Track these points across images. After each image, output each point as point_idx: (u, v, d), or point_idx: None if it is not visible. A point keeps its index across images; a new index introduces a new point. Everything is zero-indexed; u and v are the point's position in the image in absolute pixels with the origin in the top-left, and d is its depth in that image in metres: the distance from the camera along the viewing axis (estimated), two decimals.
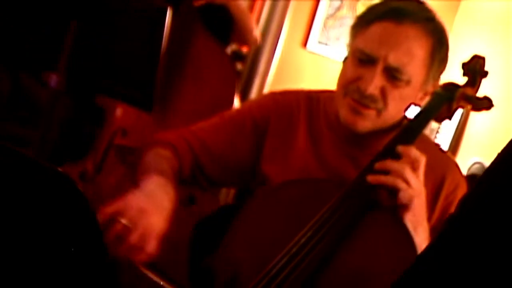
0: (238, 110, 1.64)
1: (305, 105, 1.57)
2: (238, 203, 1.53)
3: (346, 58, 1.48)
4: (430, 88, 1.46)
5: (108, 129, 2.23)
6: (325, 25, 3.91)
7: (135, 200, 1.27)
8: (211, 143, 1.55)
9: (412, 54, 1.38)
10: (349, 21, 3.80)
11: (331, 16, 3.91)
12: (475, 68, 1.47)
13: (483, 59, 1.48)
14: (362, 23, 1.44)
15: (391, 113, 1.43)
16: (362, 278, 1.26)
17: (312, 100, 1.58)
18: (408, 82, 1.40)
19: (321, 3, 3.89)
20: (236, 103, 2.25)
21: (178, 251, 1.61)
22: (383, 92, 1.40)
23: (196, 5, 2.25)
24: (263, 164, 1.54)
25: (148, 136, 2.18)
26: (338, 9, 3.90)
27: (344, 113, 1.43)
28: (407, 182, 1.29)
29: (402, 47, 1.38)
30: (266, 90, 3.51)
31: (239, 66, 3.27)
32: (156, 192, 1.32)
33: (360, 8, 3.81)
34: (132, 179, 1.48)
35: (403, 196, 1.29)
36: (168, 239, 1.30)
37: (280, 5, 3.23)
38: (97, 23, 1.66)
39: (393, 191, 1.30)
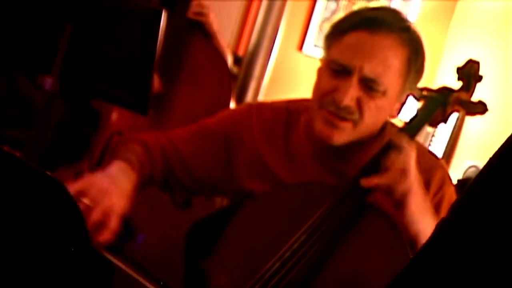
0: (213, 121, 1.60)
1: (283, 121, 1.54)
2: (233, 207, 1.53)
3: (319, 69, 1.46)
4: (405, 98, 1.45)
5: (104, 132, 2.23)
6: (321, 29, 3.91)
7: (96, 180, 1.29)
8: (184, 151, 1.53)
9: (387, 64, 1.36)
10: None
11: (327, 19, 3.91)
12: (470, 73, 1.47)
13: (477, 63, 1.48)
14: (336, 33, 1.42)
15: (367, 124, 1.40)
16: (355, 282, 1.26)
17: (291, 113, 1.55)
18: (384, 93, 1.38)
19: (317, 6, 3.89)
20: (232, 106, 2.26)
21: (172, 254, 1.61)
22: (359, 103, 1.37)
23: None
24: (245, 182, 1.52)
25: None
26: (334, 12, 3.90)
27: (319, 126, 1.41)
28: (404, 173, 1.29)
29: (377, 58, 1.36)
30: (262, 93, 3.51)
31: (235, 69, 3.27)
32: (117, 174, 1.35)
33: None
34: None
35: (400, 188, 1.28)
36: (163, 242, 1.30)
37: (276, 8, 3.23)
38: (91, 26, 1.66)
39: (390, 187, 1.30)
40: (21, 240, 0.92)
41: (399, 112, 1.47)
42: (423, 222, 1.29)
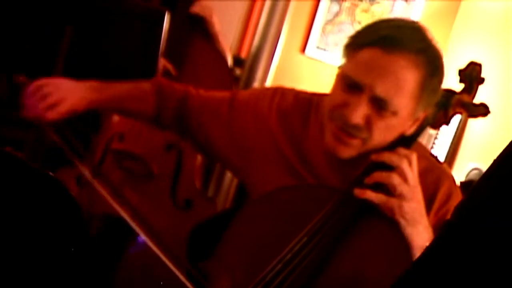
0: (220, 97, 1.65)
1: (304, 109, 1.56)
2: (235, 209, 1.53)
3: (337, 75, 1.42)
4: (421, 116, 1.41)
5: (105, 133, 2.23)
6: (323, 31, 3.91)
7: (60, 79, 1.53)
8: (206, 117, 1.60)
9: (400, 86, 1.33)
10: (348, 27, 3.81)
11: (329, 21, 3.91)
12: (472, 75, 1.47)
13: (479, 65, 1.48)
14: (353, 46, 1.39)
15: (377, 142, 1.38)
16: (357, 283, 1.26)
17: (312, 105, 1.55)
18: (394, 113, 1.35)
19: (319, 9, 3.89)
20: None
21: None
22: (368, 121, 1.35)
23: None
24: (256, 162, 1.55)
25: (145, 141, 2.18)
26: (337, 14, 3.90)
27: (328, 138, 1.40)
28: (404, 177, 1.29)
29: (390, 78, 1.32)
30: None
31: (237, 71, 3.27)
32: (82, 82, 1.55)
33: (359, 14, 3.82)
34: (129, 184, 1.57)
35: (401, 190, 1.28)
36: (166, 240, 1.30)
37: (279, 10, 3.23)
38: (94, 27, 1.66)
39: (389, 189, 1.30)
40: (23, 238, 0.92)
41: (412, 129, 1.42)
42: (418, 234, 1.29)
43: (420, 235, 1.28)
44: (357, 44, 1.38)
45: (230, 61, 2.41)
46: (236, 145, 1.57)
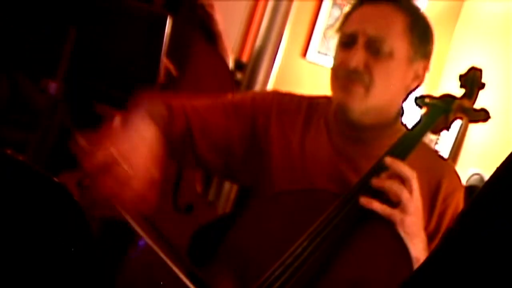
0: (241, 97, 1.64)
1: (304, 111, 1.59)
2: (236, 213, 1.53)
3: (335, 45, 1.54)
4: (420, 69, 1.50)
5: None
6: (325, 35, 3.92)
7: (125, 141, 1.23)
8: (207, 119, 1.55)
9: (389, 25, 1.46)
10: None
11: (331, 26, 3.92)
12: (472, 80, 1.48)
13: (480, 71, 1.49)
14: (344, 19, 1.53)
15: (380, 90, 1.45)
16: (358, 287, 1.26)
17: (312, 105, 1.60)
18: (391, 55, 1.44)
19: (321, 13, 3.90)
20: None
21: None
22: (367, 67, 1.44)
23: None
24: (273, 163, 1.54)
25: None
26: (338, 19, 3.91)
27: (336, 94, 1.50)
28: (411, 192, 1.30)
29: (379, 20, 1.46)
30: None
31: (238, 75, 3.28)
32: (148, 136, 1.30)
33: None
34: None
35: (406, 205, 1.29)
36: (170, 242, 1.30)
37: (280, 15, 3.24)
38: (96, 30, 1.67)
39: (391, 198, 1.30)
40: (25, 243, 0.92)
41: (415, 82, 1.51)
42: (415, 247, 1.29)
43: (416, 246, 1.30)
44: (347, 13, 1.53)
45: (232, 63, 2.42)
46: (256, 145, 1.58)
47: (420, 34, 1.49)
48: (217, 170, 1.65)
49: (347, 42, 1.47)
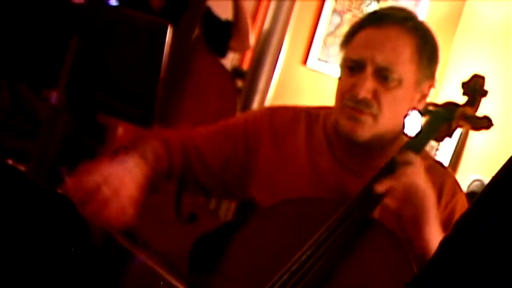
0: (234, 121, 1.65)
1: (305, 121, 1.58)
2: (238, 221, 1.52)
3: (339, 76, 1.50)
4: (426, 89, 1.47)
5: (110, 146, 2.23)
6: (325, 43, 3.92)
7: (113, 170, 1.33)
8: (203, 148, 1.57)
9: (397, 52, 1.41)
10: None
11: (331, 33, 3.92)
12: (475, 88, 1.48)
13: (483, 78, 1.49)
14: (348, 36, 1.48)
15: (388, 118, 1.43)
16: None
17: (311, 116, 1.58)
18: (400, 82, 1.41)
19: (321, 21, 3.91)
20: None
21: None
22: (376, 95, 1.41)
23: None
24: (251, 185, 1.55)
25: None
26: (338, 26, 3.92)
27: (342, 122, 1.45)
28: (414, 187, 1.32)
29: (387, 47, 1.41)
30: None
31: (239, 83, 3.28)
32: (131, 167, 1.38)
33: None
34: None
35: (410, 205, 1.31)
36: (167, 256, 1.30)
37: (280, 22, 3.24)
38: (97, 40, 1.67)
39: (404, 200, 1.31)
40: (29, 254, 0.92)
41: (421, 104, 1.49)
42: (432, 237, 1.30)
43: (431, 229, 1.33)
44: (351, 32, 1.48)
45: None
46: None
47: (428, 55, 1.45)
48: (217, 194, 1.74)
49: (354, 68, 1.43)
